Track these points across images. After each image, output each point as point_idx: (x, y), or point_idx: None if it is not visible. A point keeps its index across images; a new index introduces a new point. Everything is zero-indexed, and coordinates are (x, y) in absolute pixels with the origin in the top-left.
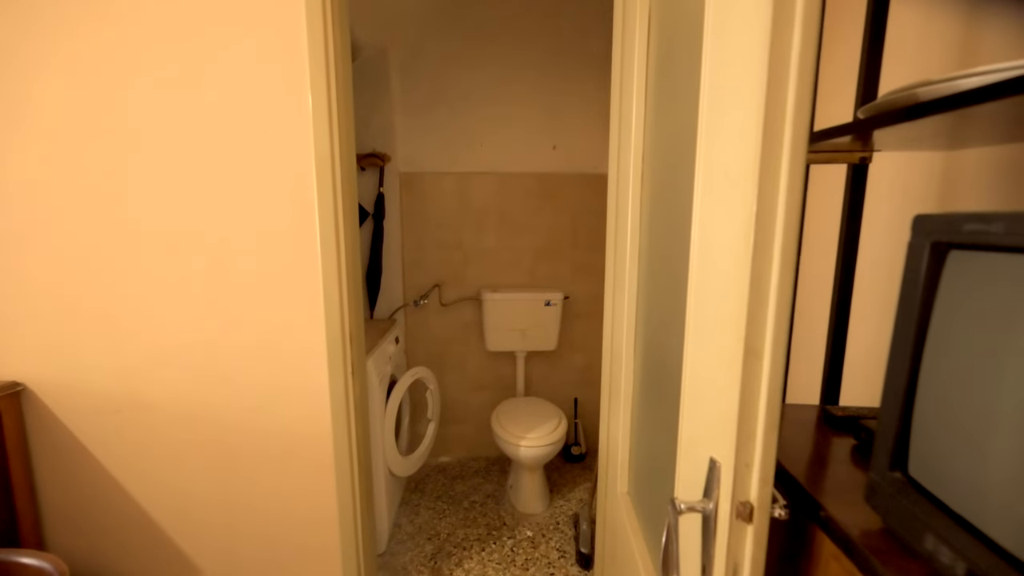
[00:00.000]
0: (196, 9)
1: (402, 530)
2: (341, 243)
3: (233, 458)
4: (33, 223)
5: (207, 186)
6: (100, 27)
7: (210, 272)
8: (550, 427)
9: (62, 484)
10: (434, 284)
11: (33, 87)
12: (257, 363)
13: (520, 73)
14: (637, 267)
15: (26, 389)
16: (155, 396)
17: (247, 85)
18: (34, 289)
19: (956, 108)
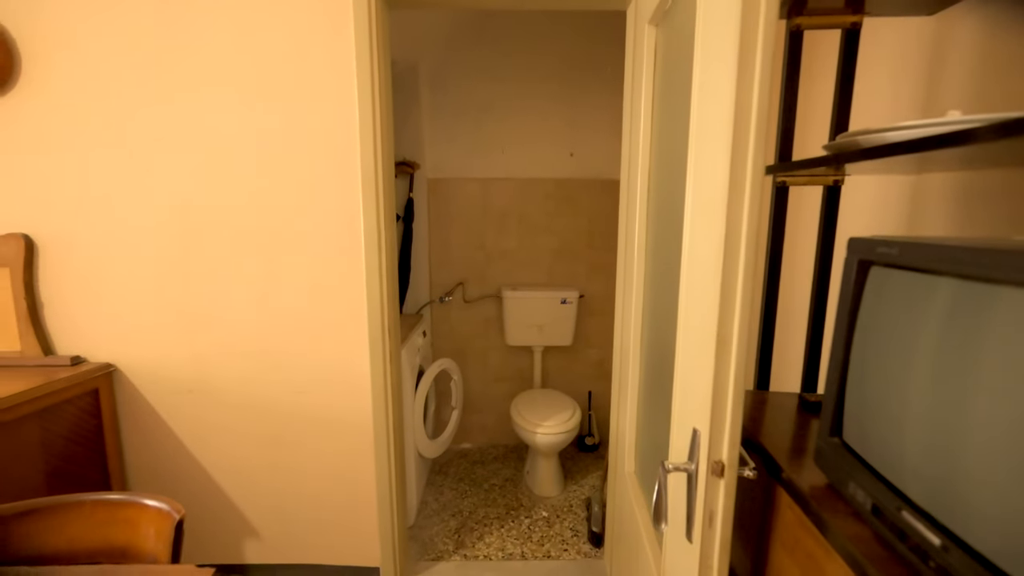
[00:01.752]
0: (256, 34)
1: (428, 507)
2: (382, 245)
3: (283, 435)
4: (125, 231)
5: (266, 196)
6: (184, 59)
7: (266, 272)
8: (565, 416)
9: (143, 450)
10: (458, 282)
11: (132, 117)
12: (305, 352)
13: (540, 85)
14: (644, 269)
15: (117, 370)
16: (219, 379)
17: (300, 107)
18: (126, 287)
19: (887, 156)
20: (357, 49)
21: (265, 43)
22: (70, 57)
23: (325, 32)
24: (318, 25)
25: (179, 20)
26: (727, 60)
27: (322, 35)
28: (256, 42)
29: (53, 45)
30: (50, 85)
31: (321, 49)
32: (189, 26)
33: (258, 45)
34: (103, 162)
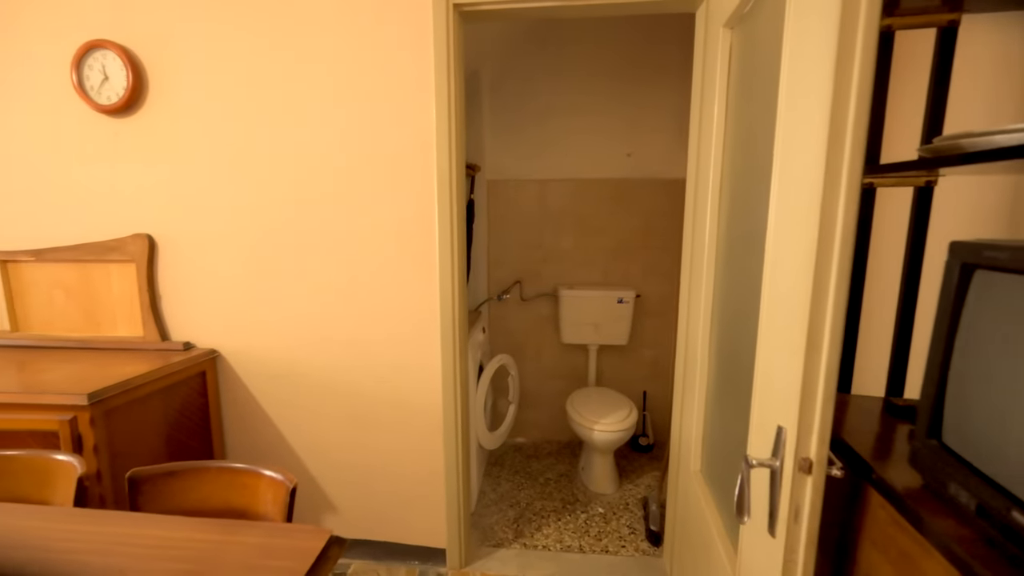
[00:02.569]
0: (345, 52)
1: (487, 496)
2: (454, 246)
3: (362, 420)
4: (229, 232)
5: (350, 200)
6: (283, 80)
7: (350, 269)
8: (622, 415)
9: (239, 426)
10: (515, 280)
11: (237, 132)
12: (384, 342)
13: (598, 86)
14: (713, 270)
15: (220, 355)
16: (308, 366)
17: (382, 118)
18: (228, 282)
19: (996, 160)
20: (436, 62)
21: (352, 60)
22: (187, 82)
23: (406, 45)
24: (400, 39)
25: (279, 45)
26: (822, 64)
27: (403, 49)
28: (345, 60)
29: (174, 72)
30: (170, 105)
31: (401, 62)
32: (287, 48)
33: (346, 63)
34: (212, 171)
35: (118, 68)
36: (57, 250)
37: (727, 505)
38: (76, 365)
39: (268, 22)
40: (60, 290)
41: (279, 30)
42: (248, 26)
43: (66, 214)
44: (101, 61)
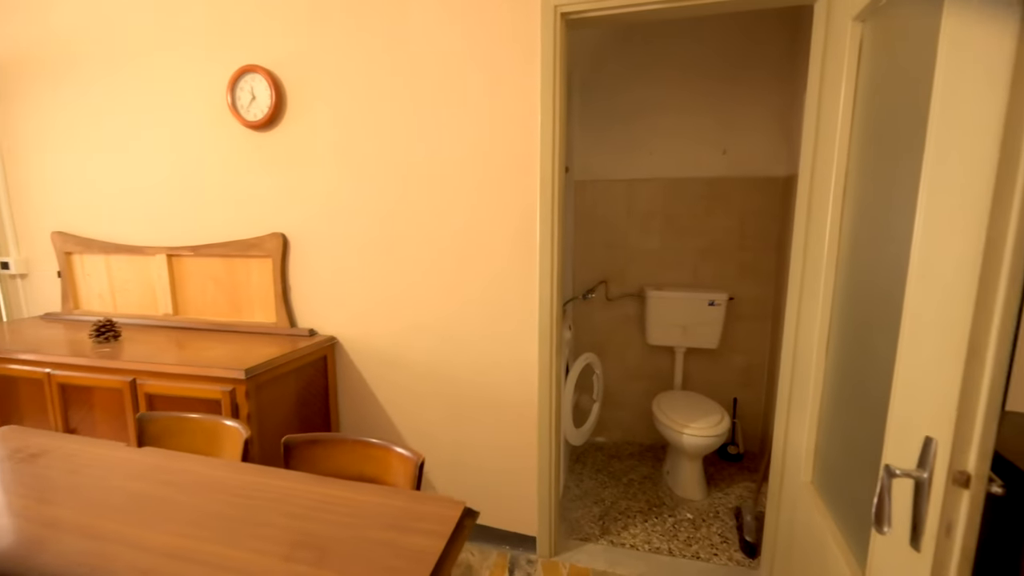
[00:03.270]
0: (453, 60)
1: (571, 491)
2: (554, 246)
3: (461, 407)
4: (347, 232)
5: (456, 202)
6: (399, 96)
7: (455, 266)
8: (713, 420)
9: (352, 406)
10: (601, 280)
11: (358, 143)
12: (484, 338)
13: (689, 83)
14: (833, 272)
15: (338, 342)
16: (413, 356)
17: (486, 123)
18: (346, 276)
19: None
20: (542, 70)
21: (461, 72)
22: (317, 99)
23: (513, 55)
24: (507, 49)
25: (395, 65)
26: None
27: (510, 58)
28: (454, 73)
29: (307, 91)
30: (303, 120)
31: (507, 71)
32: (402, 66)
33: (455, 76)
34: (337, 178)
35: (264, 88)
36: (210, 246)
37: (847, 517)
38: (227, 345)
39: (386, 44)
40: (211, 281)
41: (395, 50)
42: (369, 48)
43: (217, 215)
44: (251, 83)
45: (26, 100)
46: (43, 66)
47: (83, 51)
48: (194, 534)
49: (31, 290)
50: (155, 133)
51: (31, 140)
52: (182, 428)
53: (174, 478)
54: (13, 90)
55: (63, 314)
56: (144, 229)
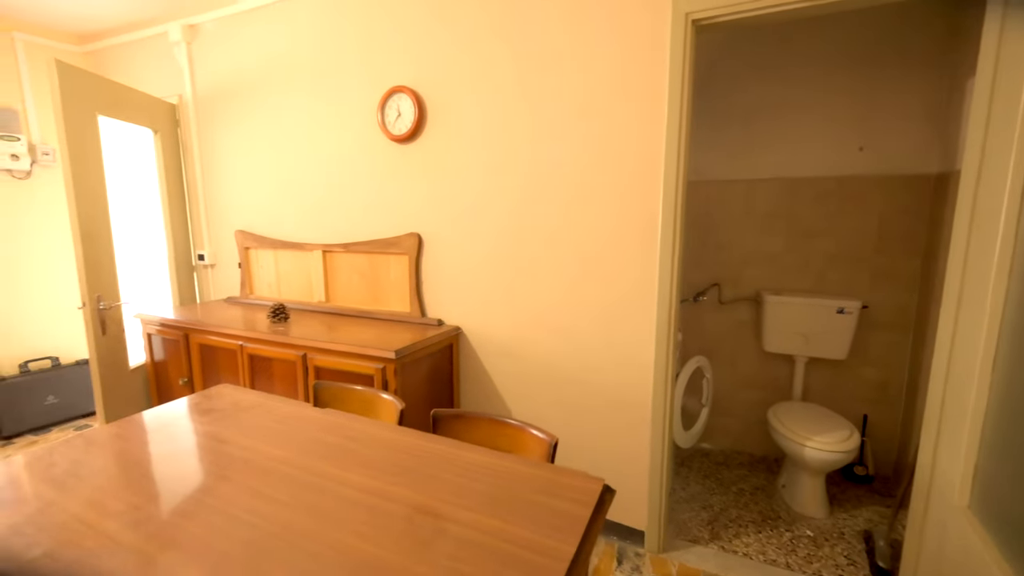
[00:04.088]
0: (579, 68)
1: (676, 494)
2: (675, 248)
3: (575, 401)
4: (474, 231)
5: (580, 207)
6: (526, 107)
7: (575, 265)
8: (841, 435)
9: (471, 392)
10: (713, 283)
11: (486, 151)
12: (601, 335)
13: (823, 78)
14: (1006, 281)
15: (462, 332)
16: (531, 349)
17: (608, 128)
18: (471, 271)
19: None
20: (670, 75)
21: (586, 80)
22: (452, 114)
23: (639, 61)
24: (634, 56)
25: (524, 78)
26: None
27: (636, 64)
28: (579, 82)
29: (444, 106)
30: (439, 133)
31: (633, 77)
32: (531, 79)
33: (581, 84)
34: (466, 183)
35: (408, 106)
36: (357, 244)
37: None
38: (371, 330)
39: (514, 57)
40: (356, 273)
41: (523, 64)
42: (498, 63)
43: (364, 217)
44: (398, 102)
45: (218, 125)
46: (230, 97)
47: (259, 83)
48: (382, 478)
49: (217, 277)
50: (316, 149)
51: (221, 157)
52: (346, 397)
53: (355, 434)
54: (210, 117)
55: (240, 298)
56: (305, 228)
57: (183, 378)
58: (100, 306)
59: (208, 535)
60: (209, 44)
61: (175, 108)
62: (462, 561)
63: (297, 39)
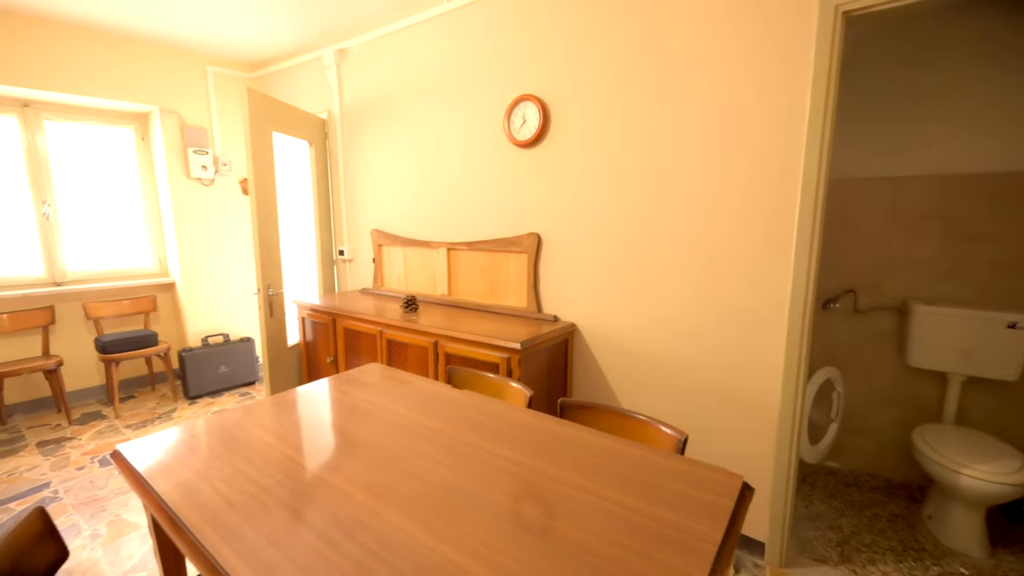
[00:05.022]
0: (711, 65)
1: (798, 511)
2: (813, 250)
3: (696, 403)
4: (591, 231)
5: (704, 205)
6: (651, 114)
7: (699, 267)
8: (1009, 466)
9: (583, 387)
10: (847, 289)
11: (606, 155)
12: (725, 338)
13: (995, 61)
14: None
15: (577, 329)
16: (648, 348)
17: (743, 125)
18: (588, 270)
19: None
20: (815, 69)
21: (717, 78)
22: (574, 119)
23: (780, 56)
24: (774, 49)
25: (648, 79)
26: None
27: (777, 59)
28: (710, 78)
29: (567, 113)
30: (561, 139)
31: (769, 72)
32: (654, 78)
33: (710, 81)
34: (586, 186)
35: (534, 113)
36: (480, 242)
37: None
38: (491, 322)
39: (642, 61)
40: (477, 270)
41: (648, 67)
42: (622, 68)
43: (486, 217)
44: (523, 109)
45: (359, 135)
46: (370, 110)
47: (395, 97)
48: (524, 452)
49: (353, 271)
50: (445, 155)
51: (360, 164)
52: (477, 382)
53: (492, 413)
54: (352, 129)
55: (373, 289)
56: (432, 228)
57: (330, 356)
58: (269, 292)
59: (389, 482)
60: (355, 65)
61: (324, 122)
62: (614, 531)
63: (430, 56)
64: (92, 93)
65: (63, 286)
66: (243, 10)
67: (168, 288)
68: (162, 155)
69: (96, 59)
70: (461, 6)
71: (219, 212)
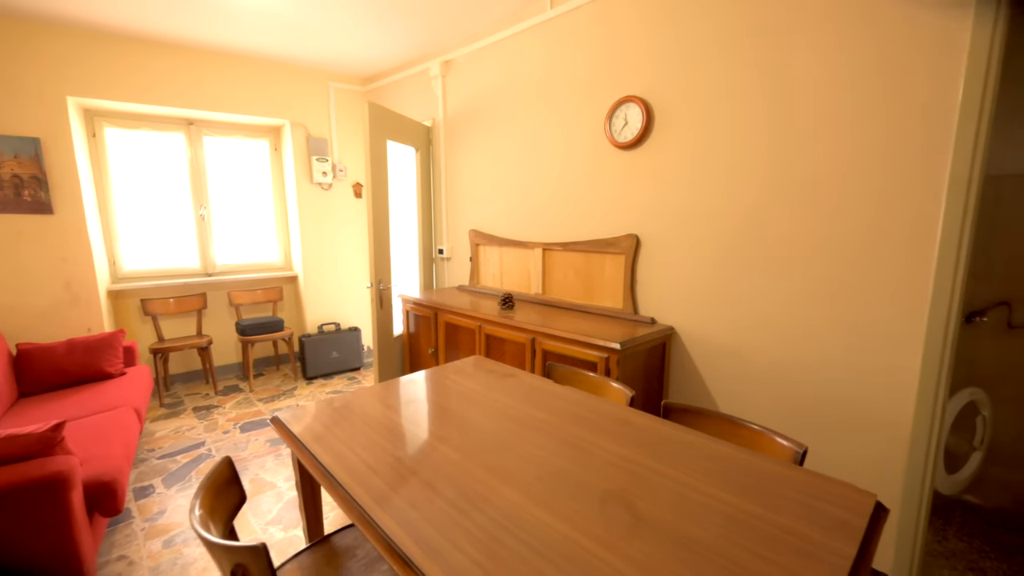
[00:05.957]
0: (829, 59)
1: (929, 546)
2: (962, 256)
3: (799, 414)
4: (691, 233)
5: (823, 203)
6: (762, 114)
7: (816, 270)
8: None
9: (681, 390)
10: (1000, 301)
11: (713, 156)
12: (844, 347)
13: None
14: None
15: (675, 332)
16: (753, 353)
17: (874, 117)
18: (687, 273)
19: None
20: (971, 51)
21: (845, 63)
22: (676, 121)
23: (921, 45)
24: (914, 38)
25: (760, 80)
26: None
27: (915, 48)
28: (836, 67)
29: (671, 115)
30: (662, 140)
31: (910, 53)
32: (766, 82)
33: (839, 70)
34: (688, 187)
35: (636, 115)
36: (575, 243)
37: None
38: (586, 322)
39: (753, 54)
40: (572, 270)
41: (764, 61)
42: (734, 67)
43: (583, 218)
44: (625, 111)
45: (459, 141)
46: (471, 117)
47: (495, 103)
48: (635, 449)
49: (451, 268)
50: (542, 159)
51: (460, 167)
52: (576, 378)
53: (596, 409)
54: (454, 135)
55: (469, 287)
56: (528, 229)
57: (431, 348)
58: (380, 287)
59: (506, 464)
60: (459, 74)
61: (429, 129)
62: (736, 534)
63: (530, 63)
64: (240, 111)
65: (213, 276)
66: (362, 31)
67: (292, 280)
68: (291, 163)
69: (243, 82)
70: (563, 13)
71: (334, 213)
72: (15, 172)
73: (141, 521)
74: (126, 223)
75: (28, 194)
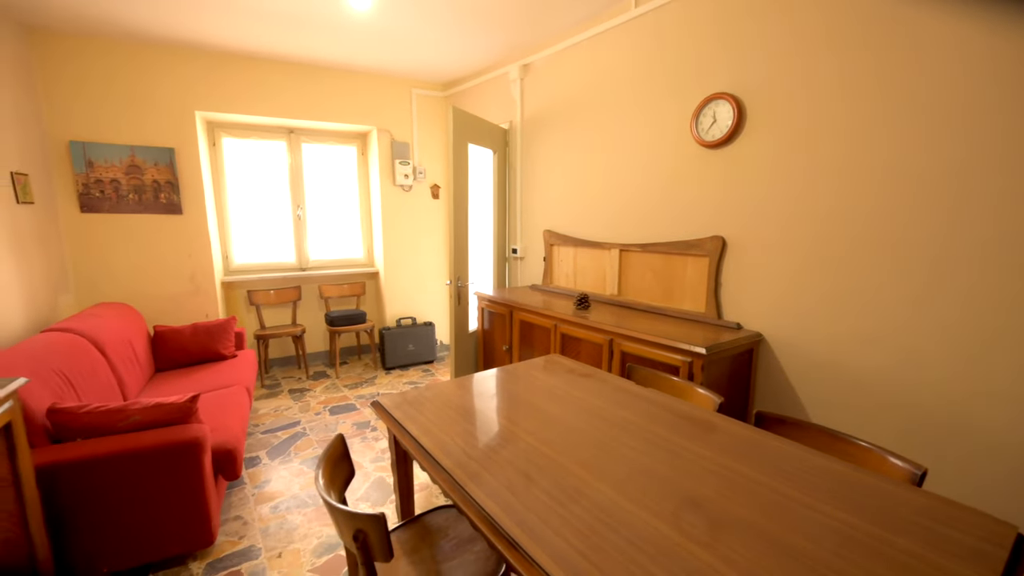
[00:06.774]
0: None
1: None
2: None
3: (905, 430)
4: (788, 237)
5: (938, 205)
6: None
7: (926, 279)
8: None
9: (768, 400)
10: None
11: (808, 154)
12: (956, 361)
13: None
14: None
15: (763, 339)
16: (850, 362)
17: (992, 115)
18: (776, 277)
19: None
20: None
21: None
22: (770, 119)
23: None
24: None
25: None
26: None
27: None
28: (950, 63)
29: (763, 113)
30: (754, 139)
31: None
32: (857, 81)
33: (952, 67)
34: (778, 188)
35: (726, 113)
36: (655, 245)
37: None
38: (666, 325)
39: (870, 32)
40: (650, 271)
41: (863, 58)
42: (845, 52)
43: (663, 219)
44: (714, 109)
45: (536, 143)
46: (548, 119)
47: (573, 105)
48: (727, 455)
49: (524, 268)
50: (621, 159)
51: (535, 169)
52: (659, 382)
53: (684, 414)
54: (531, 137)
55: (542, 286)
56: (605, 230)
57: (505, 345)
58: (458, 284)
59: (597, 461)
60: (537, 77)
61: (506, 132)
62: (846, 550)
63: (609, 64)
64: (333, 119)
65: (307, 271)
66: (446, 40)
67: (373, 276)
68: (376, 167)
69: (336, 92)
70: (648, 11)
71: (413, 214)
72: (155, 178)
73: (252, 488)
74: (236, 222)
75: (164, 197)
